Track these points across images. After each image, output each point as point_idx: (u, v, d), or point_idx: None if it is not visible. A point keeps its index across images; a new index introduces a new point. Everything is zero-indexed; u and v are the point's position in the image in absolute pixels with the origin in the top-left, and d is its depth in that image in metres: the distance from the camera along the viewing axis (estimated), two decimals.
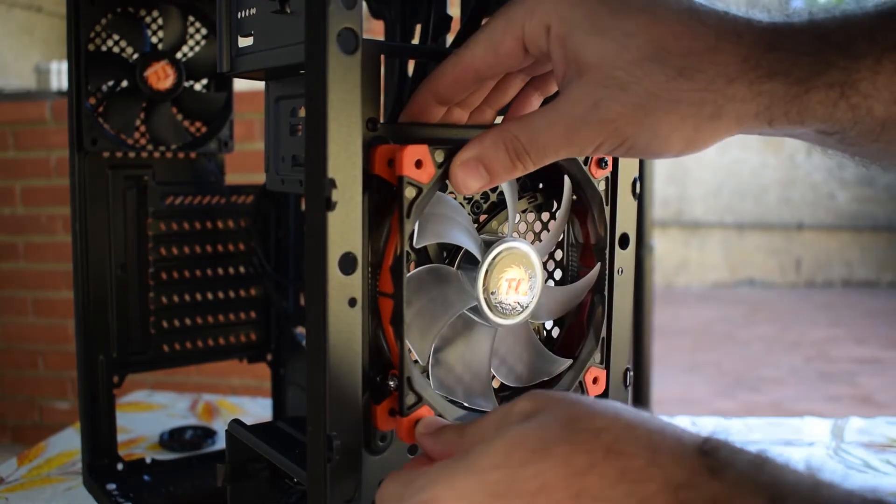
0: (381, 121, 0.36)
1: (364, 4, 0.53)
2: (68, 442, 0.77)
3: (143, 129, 0.66)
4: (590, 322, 0.45)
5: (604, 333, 0.44)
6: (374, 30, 0.60)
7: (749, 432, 0.81)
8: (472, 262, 0.40)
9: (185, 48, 0.68)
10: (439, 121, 0.40)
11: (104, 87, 0.65)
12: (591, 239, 0.45)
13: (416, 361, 0.39)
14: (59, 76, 2.55)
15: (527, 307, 0.41)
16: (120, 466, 0.65)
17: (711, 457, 0.27)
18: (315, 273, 0.35)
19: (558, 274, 0.47)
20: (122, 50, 0.65)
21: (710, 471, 0.27)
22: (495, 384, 0.43)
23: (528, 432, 0.30)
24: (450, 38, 0.49)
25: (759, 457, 0.27)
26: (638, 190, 0.45)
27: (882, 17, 0.32)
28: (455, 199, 0.40)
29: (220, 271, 0.70)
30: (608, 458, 0.28)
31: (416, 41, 0.53)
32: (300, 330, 0.73)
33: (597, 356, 0.44)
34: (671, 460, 0.27)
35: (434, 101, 0.39)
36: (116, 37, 0.65)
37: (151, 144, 0.66)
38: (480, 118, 0.42)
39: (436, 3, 0.51)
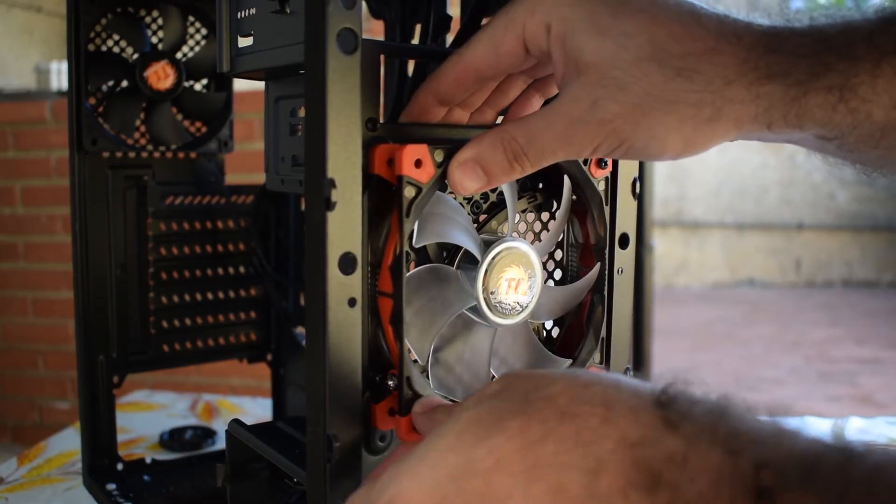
0: (381, 121, 0.36)
1: (364, 4, 0.53)
2: (68, 442, 0.77)
3: (143, 129, 0.66)
4: (589, 322, 0.45)
5: (603, 333, 0.44)
6: (374, 30, 0.60)
7: None
8: (471, 262, 0.40)
9: (185, 48, 0.68)
10: (440, 121, 0.40)
11: (104, 87, 0.65)
12: (591, 239, 0.45)
13: (415, 361, 0.39)
14: (59, 76, 2.55)
15: (526, 307, 0.41)
16: (120, 466, 0.65)
17: (669, 409, 0.26)
18: (315, 273, 0.35)
19: (558, 274, 0.47)
20: (122, 50, 0.65)
21: (667, 424, 0.26)
22: None
23: (483, 411, 0.29)
24: (450, 38, 0.49)
25: (718, 405, 0.26)
26: (638, 190, 0.45)
27: (882, 22, 0.32)
28: (455, 198, 0.40)
29: (220, 271, 0.70)
30: (563, 421, 0.27)
31: (416, 41, 0.53)
32: (300, 330, 0.73)
33: (596, 356, 0.44)
34: (627, 415, 0.26)
35: (435, 102, 0.39)
36: (116, 37, 0.65)
37: (151, 144, 0.66)
38: (481, 119, 0.42)
39: (436, 3, 0.51)
